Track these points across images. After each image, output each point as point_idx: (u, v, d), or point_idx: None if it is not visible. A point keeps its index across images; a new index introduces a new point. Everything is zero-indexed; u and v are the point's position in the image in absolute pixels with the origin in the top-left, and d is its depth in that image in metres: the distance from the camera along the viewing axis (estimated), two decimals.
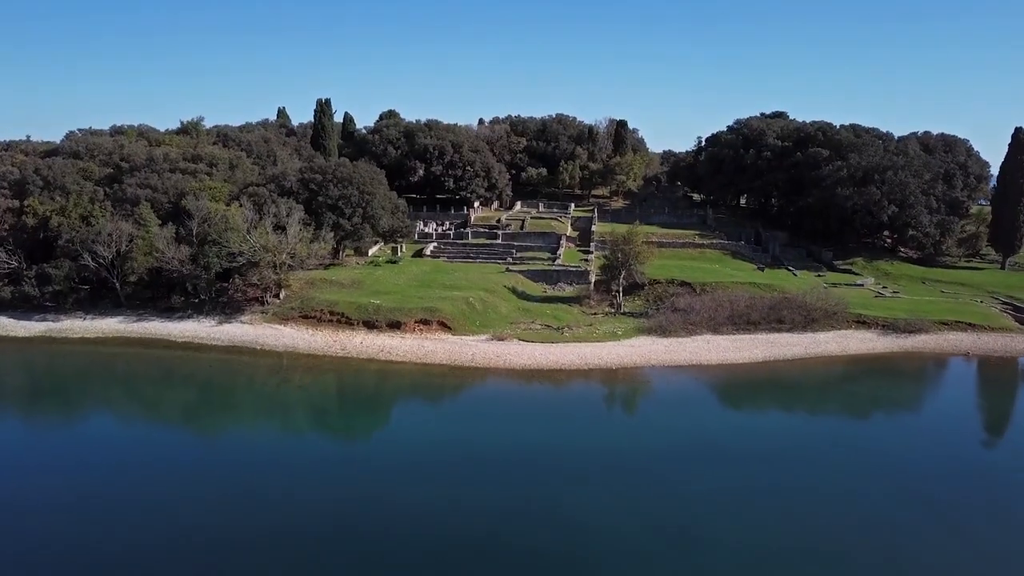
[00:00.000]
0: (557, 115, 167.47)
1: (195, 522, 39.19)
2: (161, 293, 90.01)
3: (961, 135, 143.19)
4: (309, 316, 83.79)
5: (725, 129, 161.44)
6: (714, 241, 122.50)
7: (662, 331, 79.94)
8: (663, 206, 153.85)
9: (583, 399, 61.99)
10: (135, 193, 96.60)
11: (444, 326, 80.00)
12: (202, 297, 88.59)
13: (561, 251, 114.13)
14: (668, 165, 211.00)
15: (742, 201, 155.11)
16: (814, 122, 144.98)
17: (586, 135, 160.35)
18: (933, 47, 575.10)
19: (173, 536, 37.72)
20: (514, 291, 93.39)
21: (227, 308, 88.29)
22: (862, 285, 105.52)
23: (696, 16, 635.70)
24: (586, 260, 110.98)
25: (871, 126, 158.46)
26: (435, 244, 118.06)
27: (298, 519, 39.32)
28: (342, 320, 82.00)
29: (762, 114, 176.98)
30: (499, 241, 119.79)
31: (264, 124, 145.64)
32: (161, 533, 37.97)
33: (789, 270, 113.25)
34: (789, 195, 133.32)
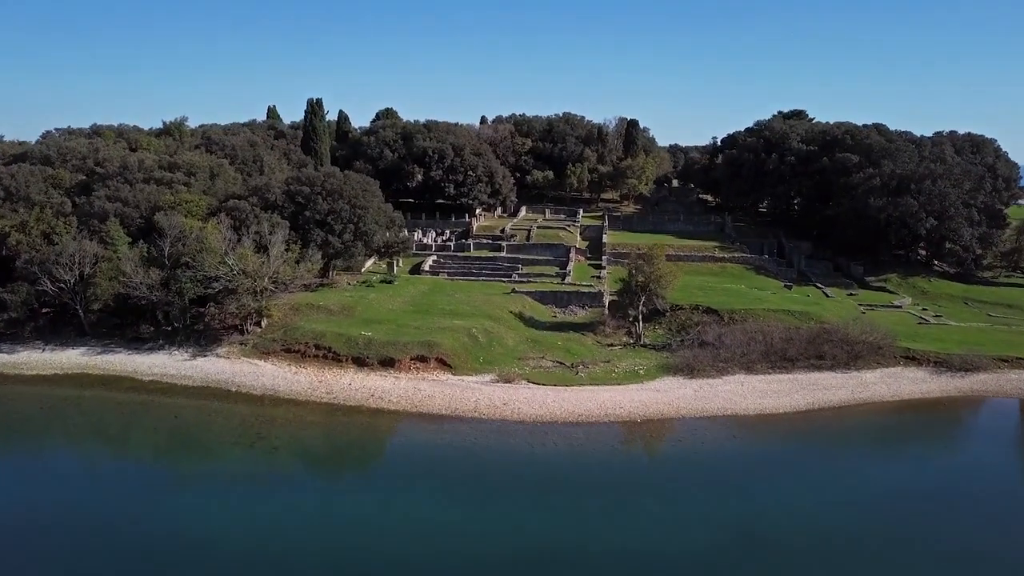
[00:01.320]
0: (564, 114, 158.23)
1: None
2: (130, 320, 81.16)
3: (985, 134, 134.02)
4: (293, 350, 74.84)
5: (743, 130, 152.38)
6: (736, 255, 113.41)
7: (690, 370, 70.97)
8: (677, 212, 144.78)
9: (605, 468, 52.95)
10: (103, 207, 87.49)
11: (443, 363, 71.06)
12: (175, 325, 79.67)
13: (571, 266, 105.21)
14: (676, 161, 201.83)
15: (760, 206, 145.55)
16: (839, 123, 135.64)
17: (595, 136, 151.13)
18: (952, 41, 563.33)
19: None
20: (521, 317, 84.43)
21: (203, 338, 79.41)
22: (900, 307, 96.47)
23: (705, 11, 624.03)
24: (599, 277, 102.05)
25: (886, 124, 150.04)
26: (434, 258, 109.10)
27: None
28: (329, 356, 73.07)
29: (779, 112, 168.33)
30: (503, 253, 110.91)
31: (252, 125, 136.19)
32: None
33: (818, 287, 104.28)
34: (814, 203, 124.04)
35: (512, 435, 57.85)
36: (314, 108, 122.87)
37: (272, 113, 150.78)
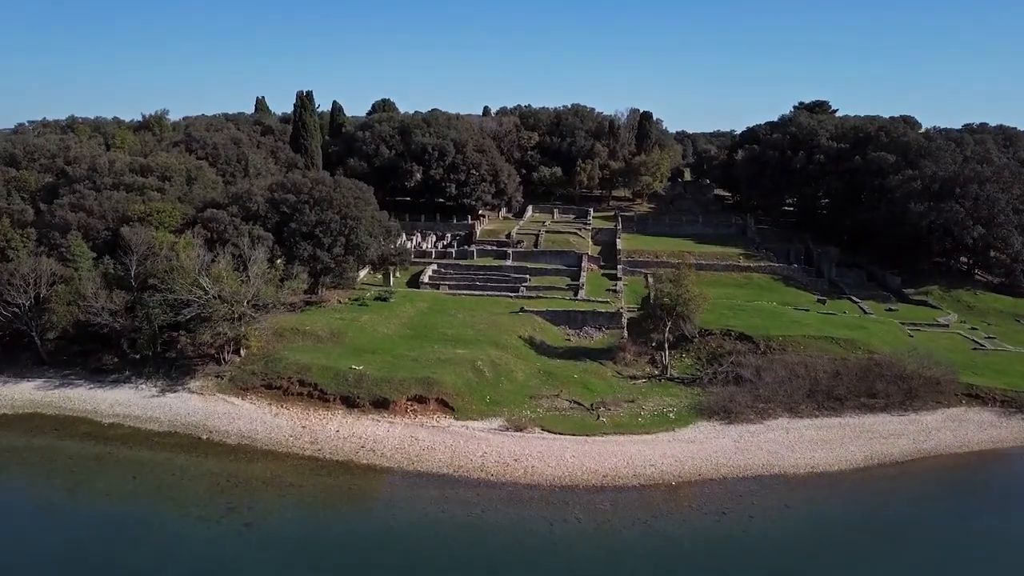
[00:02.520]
0: (573, 106, 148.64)
1: None
2: (93, 347, 72.40)
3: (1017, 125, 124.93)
4: (274, 386, 66.11)
5: (763, 124, 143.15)
6: (762, 264, 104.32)
7: (726, 413, 62.17)
8: (694, 211, 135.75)
9: (639, 556, 44.16)
10: (65, 218, 78.49)
11: (445, 405, 62.26)
12: (144, 353, 70.84)
13: (583, 277, 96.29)
14: (685, 147, 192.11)
15: (784, 204, 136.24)
16: (870, 117, 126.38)
17: (606, 129, 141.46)
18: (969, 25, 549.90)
19: None
20: (531, 342, 75.58)
21: (174, 369, 70.73)
22: (947, 325, 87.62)
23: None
24: (615, 290, 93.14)
25: (914, 116, 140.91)
26: (434, 267, 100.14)
27: None
28: (315, 393, 64.35)
29: (801, 103, 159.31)
30: (509, 262, 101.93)
31: (238, 118, 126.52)
32: None
33: (853, 301, 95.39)
34: (844, 205, 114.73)
35: (526, 505, 49.05)
36: (304, 102, 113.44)
37: (261, 105, 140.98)
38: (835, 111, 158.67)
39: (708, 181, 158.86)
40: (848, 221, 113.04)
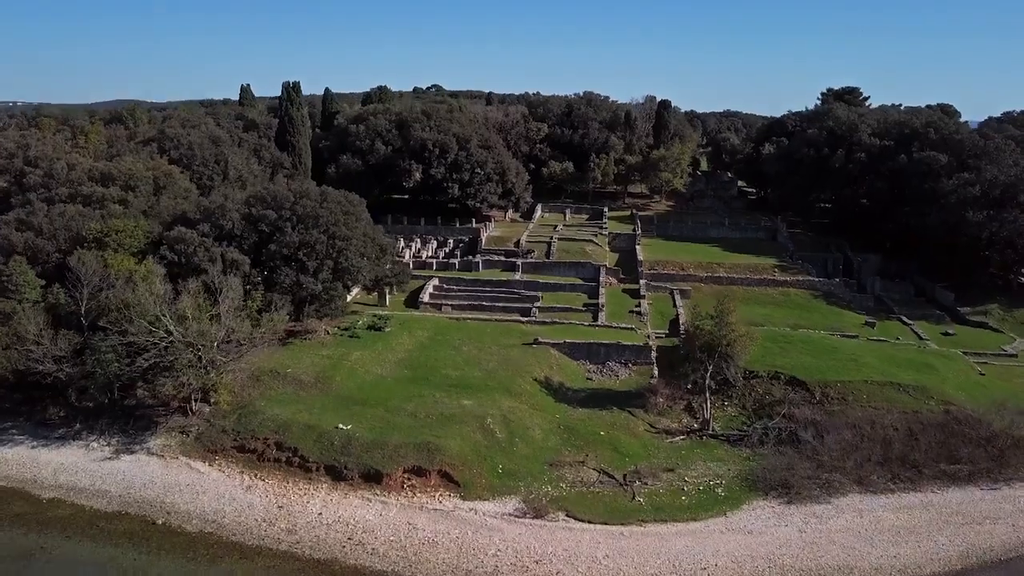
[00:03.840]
0: (585, 94, 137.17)
1: None
2: (37, 395, 62.22)
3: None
4: (248, 448, 55.98)
5: (790, 113, 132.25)
6: (800, 277, 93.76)
7: (785, 488, 52.07)
8: (717, 210, 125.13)
9: None
10: (9, 238, 67.92)
11: (448, 479, 52.11)
12: (100, 399, 60.68)
13: (603, 296, 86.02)
14: (696, 129, 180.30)
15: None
16: (915, 109, 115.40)
17: (621, 120, 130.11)
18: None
19: None
20: (548, 385, 65.40)
21: (133, 420, 60.75)
22: (1015, 355, 77.37)
23: None
24: (639, 312, 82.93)
25: (946, 103, 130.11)
26: (435, 283, 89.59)
27: None
28: (295, 460, 54.23)
29: (829, 90, 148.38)
30: (518, 276, 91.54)
31: (218, 112, 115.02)
32: None
33: (904, 323, 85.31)
34: (887, 208, 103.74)
35: None
36: (291, 94, 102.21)
37: (245, 95, 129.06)
38: (867, 98, 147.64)
39: (730, 175, 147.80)
40: (892, 226, 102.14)
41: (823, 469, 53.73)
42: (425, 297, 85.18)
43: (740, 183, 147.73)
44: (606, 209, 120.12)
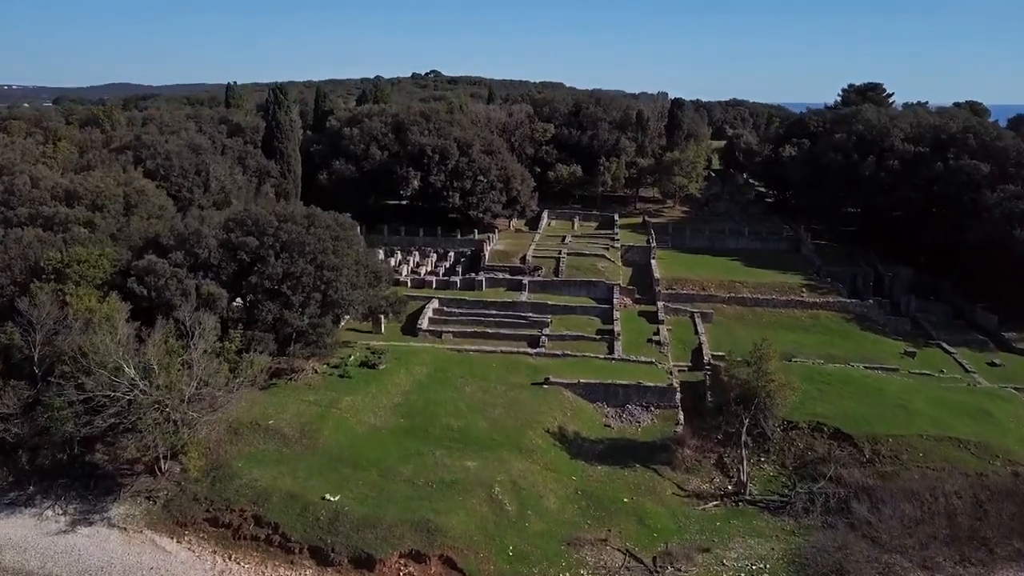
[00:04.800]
0: (593, 91, 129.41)
1: None
2: None
3: None
4: (222, 522, 49.01)
5: (811, 113, 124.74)
6: (830, 299, 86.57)
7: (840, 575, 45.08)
8: (734, 216, 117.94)
9: None
10: None
11: (451, 566, 45.12)
12: (57, 456, 53.69)
13: (618, 321, 79.10)
14: (702, 118, 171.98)
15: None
16: (947, 109, 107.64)
17: (632, 120, 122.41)
18: None
19: None
20: (562, 437, 58.40)
21: (95, 483, 53.62)
22: None
23: None
24: (658, 341, 76.01)
25: (974, 100, 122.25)
26: (435, 305, 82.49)
27: None
28: (275, 539, 47.27)
29: (851, 86, 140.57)
30: (524, 297, 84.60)
31: (200, 115, 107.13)
32: None
33: (945, 351, 78.52)
34: (921, 220, 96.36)
35: None
36: (278, 97, 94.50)
37: (231, 94, 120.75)
38: (891, 95, 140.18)
39: (745, 176, 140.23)
40: (927, 239, 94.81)
41: (882, 550, 46.73)
42: (424, 323, 78.08)
43: (754, 183, 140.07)
44: (617, 216, 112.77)
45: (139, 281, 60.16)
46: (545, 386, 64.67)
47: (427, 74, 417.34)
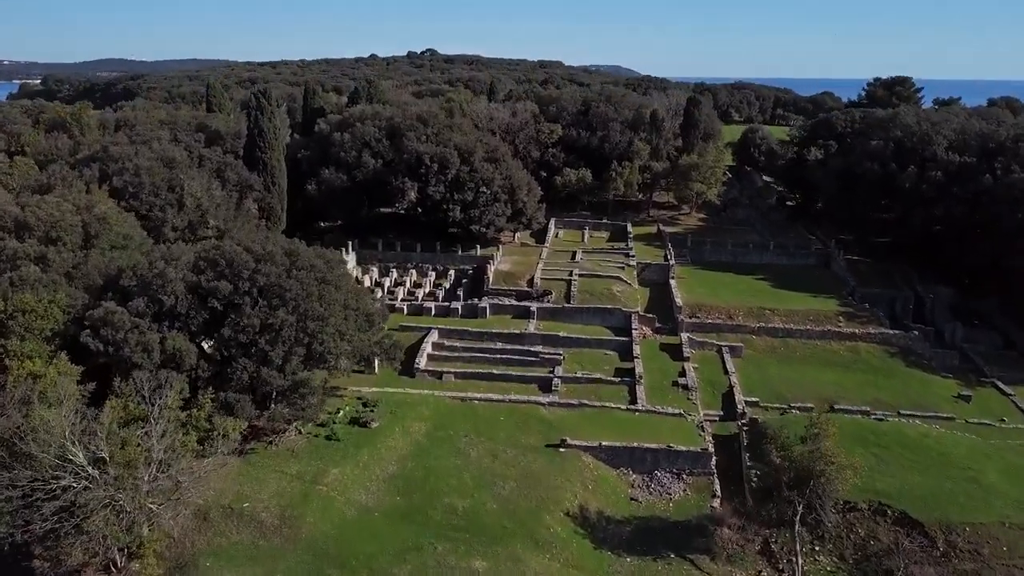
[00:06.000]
0: (602, 88, 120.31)
1: None
2: None
3: None
4: None
5: (839, 113, 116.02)
6: (870, 329, 78.38)
7: None
8: (757, 227, 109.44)
9: None
10: None
11: None
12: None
13: (637, 354, 71.56)
14: (710, 101, 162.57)
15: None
16: (983, 109, 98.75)
17: (646, 120, 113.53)
18: None
19: None
20: (583, 521, 50.64)
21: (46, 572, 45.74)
22: None
23: None
24: (684, 385, 68.13)
25: (1011, 97, 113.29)
26: (435, 337, 74.52)
27: None
28: None
29: (877, 79, 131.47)
30: (532, 328, 76.53)
31: (176, 121, 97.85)
32: None
33: (1001, 392, 71.51)
34: (965, 236, 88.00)
35: None
36: (261, 103, 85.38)
37: (212, 93, 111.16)
38: (919, 89, 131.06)
39: (764, 177, 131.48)
40: (972, 258, 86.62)
41: None
42: (422, 361, 70.13)
43: (772, 182, 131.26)
44: (630, 226, 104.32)
45: (94, 334, 51.90)
46: (562, 450, 56.74)
47: (423, 52, 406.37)
